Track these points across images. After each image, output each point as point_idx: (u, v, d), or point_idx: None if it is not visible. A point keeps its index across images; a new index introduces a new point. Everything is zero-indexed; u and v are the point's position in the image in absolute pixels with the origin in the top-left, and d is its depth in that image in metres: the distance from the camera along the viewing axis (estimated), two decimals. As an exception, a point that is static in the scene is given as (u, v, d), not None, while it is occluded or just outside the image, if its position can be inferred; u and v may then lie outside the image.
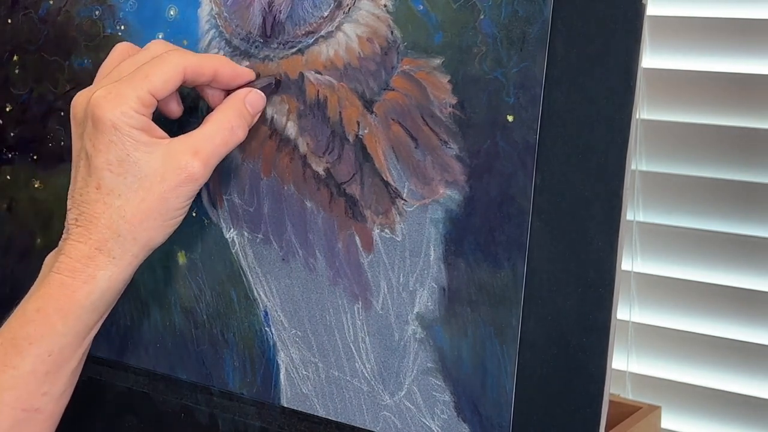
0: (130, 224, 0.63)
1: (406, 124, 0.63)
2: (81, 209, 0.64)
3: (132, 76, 0.64)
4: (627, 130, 0.56)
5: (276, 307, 0.69)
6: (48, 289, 0.63)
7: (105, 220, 0.63)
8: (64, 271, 0.63)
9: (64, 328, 0.63)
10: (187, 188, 0.64)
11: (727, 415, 0.92)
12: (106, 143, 0.63)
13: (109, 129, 0.63)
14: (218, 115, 0.66)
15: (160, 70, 0.64)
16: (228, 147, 0.65)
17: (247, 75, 0.68)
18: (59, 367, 0.64)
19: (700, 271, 0.92)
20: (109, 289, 0.64)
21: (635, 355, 0.97)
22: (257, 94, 0.67)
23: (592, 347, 0.57)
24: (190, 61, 0.65)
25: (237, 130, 0.65)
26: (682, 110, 0.91)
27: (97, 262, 0.63)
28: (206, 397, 0.73)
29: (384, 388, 0.64)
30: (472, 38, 0.61)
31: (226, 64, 0.67)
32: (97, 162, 0.63)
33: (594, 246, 0.57)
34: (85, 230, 0.64)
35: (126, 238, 0.63)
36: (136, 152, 0.63)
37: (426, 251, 0.62)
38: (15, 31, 0.83)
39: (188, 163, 0.63)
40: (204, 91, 0.68)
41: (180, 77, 0.65)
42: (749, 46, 0.88)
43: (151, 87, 0.64)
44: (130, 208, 0.63)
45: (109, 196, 0.63)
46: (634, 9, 0.56)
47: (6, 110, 0.84)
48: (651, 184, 0.93)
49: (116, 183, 0.63)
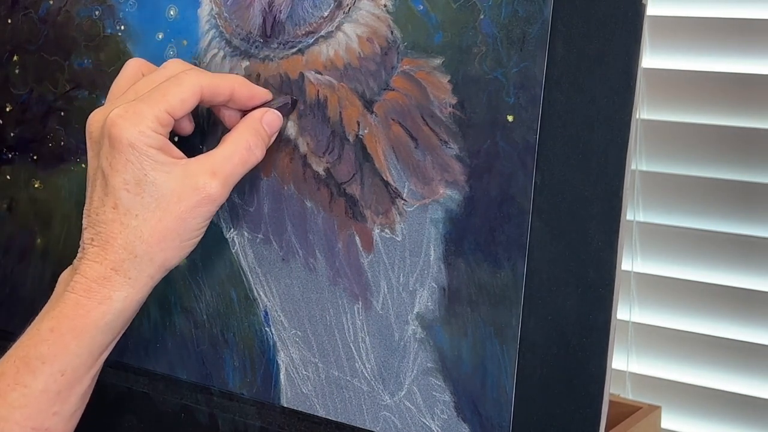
0: (147, 245, 0.63)
1: (406, 124, 0.63)
2: (97, 229, 0.63)
3: (149, 95, 0.64)
4: (627, 130, 0.56)
5: (276, 307, 0.69)
6: (63, 308, 0.63)
7: (122, 240, 0.63)
8: (79, 291, 0.63)
9: (78, 348, 0.63)
10: (205, 209, 0.63)
11: (727, 415, 0.92)
12: (123, 162, 0.62)
13: (126, 148, 0.62)
14: (235, 135, 0.65)
15: (177, 90, 0.64)
16: (246, 167, 0.65)
17: (264, 95, 0.67)
18: (71, 387, 0.63)
19: (700, 271, 0.92)
20: (124, 310, 0.63)
21: (635, 355, 0.97)
22: (274, 113, 0.66)
23: (592, 347, 0.57)
24: (207, 81, 0.65)
25: (255, 150, 0.65)
26: (682, 110, 0.91)
27: (113, 283, 0.63)
28: (206, 397, 0.73)
29: (384, 388, 0.64)
30: (472, 38, 0.61)
31: (243, 84, 0.66)
32: (114, 181, 0.63)
33: (594, 246, 0.57)
34: (102, 250, 0.63)
35: (143, 259, 0.63)
36: (154, 172, 0.62)
37: (426, 251, 0.62)
38: (15, 31, 0.83)
39: (206, 183, 0.63)
40: (220, 112, 0.68)
41: (197, 97, 0.64)
42: (749, 46, 0.88)
43: (168, 106, 0.63)
44: (147, 228, 0.63)
45: (126, 216, 0.63)
46: (634, 9, 0.56)
47: (6, 110, 0.84)
48: (651, 184, 0.93)
49: (133, 203, 0.62)
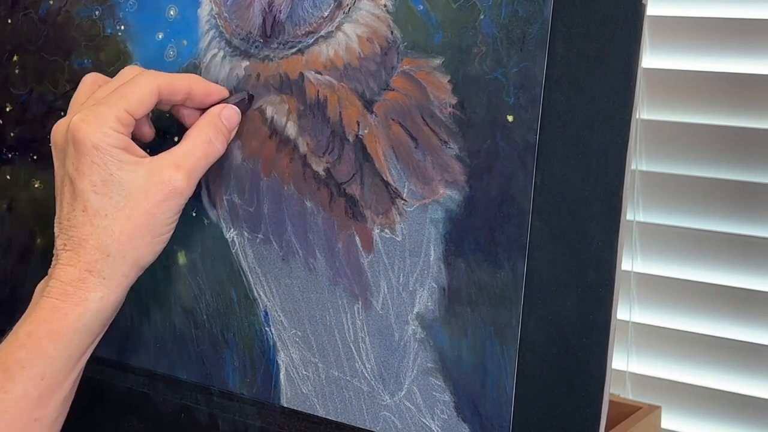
0: (119, 243, 0.64)
1: (406, 124, 0.63)
2: (69, 234, 0.64)
3: (108, 99, 0.65)
4: (627, 130, 0.56)
5: (276, 307, 0.69)
6: (39, 313, 0.63)
7: (93, 241, 0.64)
8: (55, 294, 0.63)
9: (56, 351, 0.63)
10: (173, 202, 0.65)
11: (727, 415, 0.92)
12: (88, 165, 0.64)
13: (90, 150, 0.64)
14: (196, 130, 0.67)
15: (135, 90, 0.66)
16: (208, 160, 0.67)
17: (220, 92, 0.69)
18: (52, 391, 0.64)
19: (700, 271, 0.92)
20: (100, 310, 0.64)
21: (635, 355, 0.97)
22: (232, 109, 0.68)
23: (592, 347, 0.57)
24: (163, 80, 0.67)
25: (215, 143, 0.67)
26: (682, 110, 0.91)
27: (87, 284, 0.64)
28: (206, 397, 0.73)
29: (384, 388, 0.64)
30: (472, 38, 0.61)
31: (199, 82, 0.68)
32: (81, 185, 0.64)
33: (594, 246, 0.57)
34: (75, 253, 0.64)
35: (115, 258, 0.64)
36: (119, 171, 0.64)
37: (426, 251, 0.62)
38: (15, 31, 0.83)
39: (171, 176, 0.64)
40: (179, 112, 0.69)
41: (155, 95, 0.66)
42: (749, 46, 0.87)
43: (127, 106, 0.65)
44: (117, 227, 0.64)
45: (96, 217, 0.64)
46: (634, 9, 0.56)
47: (6, 110, 0.84)
48: (651, 184, 0.93)
49: (102, 203, 0.64)
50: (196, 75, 0.70)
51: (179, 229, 0.68)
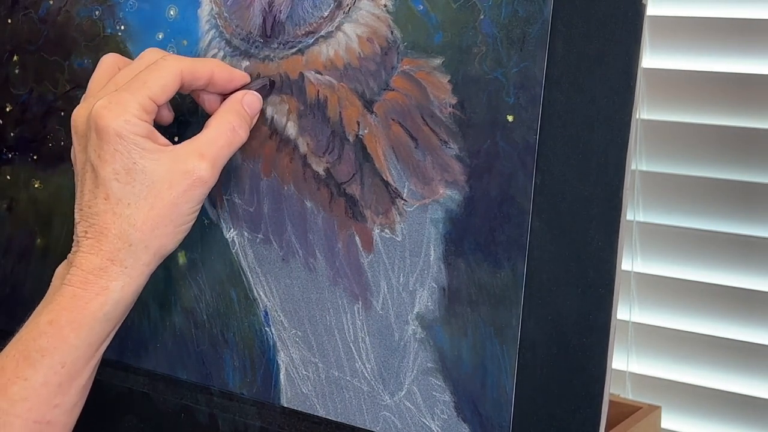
0: (141, 232, 0.63)
1: (406, 124, 0.63)
2: (90, 221, 0.64)
3: (130, 84, 0.64)
4: (627, 130, 0.56)
5: (276, 307, 0.69)
6: (61, 301, 0.63)
7: (115, 230, 0.63)
8: (76, 283, 0.63)
9: (77, 340, 0.63)
10: (197, 192, 0.64)
11: (727, 415, 0.92)
12: (111, 153, 0.63)
13: (113, 138, 0.63)
14: (218, 118, 0.66)
15: (157, 76, 0.64)
16: (232, 148, 0.66)
17: (242, 78, 0.68)
18: (72, 378, 0.63)
19: (700, 271, 0.92)
20: (121, 299, 0.64)
21: (635, 355, 0.97)
22: (254, 95, 0.67)
23: (592, 347, 0.57)
24: (186, 65, 0.65)
25: (239, 131, 0.66)
26: (682, 110, 0.91)
27: (109, 273, 0.63)
28: (206, 397, 0.73)
29: (384, 388, 0.64)
30: (472, 38, 0.61)
31: (221, 67, 0.67)
32: (103, 173, 0.63)
33: (594, 246, 0.57)
34: (96, 242, 0.63)
35: (138, 247, 0.63)
36: (143, 160, 0.63)
37: (426, 251, 0.62)
38: (15, 31, 0.83)
39: (196, 166, 0.63)
40: (200, 97, 0.68)
41: (177, 81, 0.65)
42: (749, 46, 0.88)
43: (150, 93, 0.64)
44: (140, 216, 0.63)
45: (119, 206, 0.63)
46: (634, 9, 0.56)
47: (6, 110, 0.84)
48: (651, 184, 0.93)
49: (125, 192, 0.63)
50: (218, 60, 0.69)
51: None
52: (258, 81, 0.68)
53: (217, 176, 0.65)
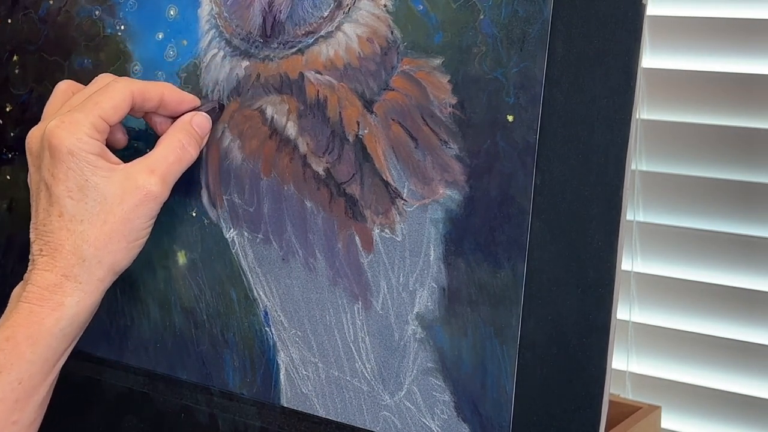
0: (95, 248, 0.64)
1: (406, 124, 0.63)
2: (45, 239, 0.65)
3: (83, 105, 0.66)
4: (627, 130, 0.56)
5: (276, 307, 0.69)
6: (17, 318, 0.64)
7: (69, 246, 0.64)
8: (32, 299, 0.64)
9: (33, 355, 0.63)
10: (148, 207, 0.66)
11: (727, 415, 0.92)
12: (64, 171, 0.64)
13: (66, 156, 0.64)
14: (168, 136, 0.68)
15: (109, 97, 0.66)
16: (182, 165, 0.68)
17: (191, 100, 0.70)
18: (29, 395, 0.64)
19: (700, 271, 0.92)
20: (77, 315, 0.65)
21: (635, 355, 0.97)
22: (203, 116, 0.70)
23: (592, 347, 0.57)
24: (136, 87, 0.68)
25: (188, 148, 0.68)
26: (682, 110, 0.91)
27: (64, 289, 0.64)
28: (206, 397, 0.73)
29: (384, 388, 0.64)
30: (472, 38, 0.61)
31: (171, 90, 0.70)
32: (57, 191, 0.65)
33: (594, 246, 0.57)
34: (51, 258, 0.65)
35: (91, 263, 0.65)
36: (94, 177, 0.65)
37: (426, 251, 0.62)
38: (15, 31, 0.83)
39: (146, 181, 0.65)
40: (152, 120, 0.70)
41: (128, 102, 0.67)
42: (749, 46, 0.88)
43: (102, 113, 0.66)
44: (93, 231, 0.64)
45: (72, 223, 0.64)
46: (634, 9, 0.56)
47: (6, 110, 0.84)
48: (651, 184, 0.93)
49: (78, 209, 0.64)
50: (169, 83, 0.71)
51: (179, 229, 0.68)
52: (207, 104, 0.71)
53: (168, 192, 0.67)
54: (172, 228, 0.73)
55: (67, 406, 0.70)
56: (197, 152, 0.69)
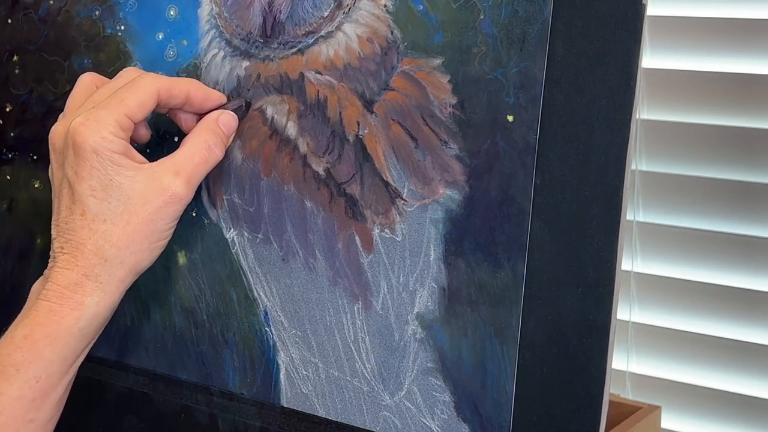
0: (117, 248, 0.64)
1: (406, 124, 0.63)
2: (67, 237, 0.64)
3: (108, 102, 0.65)
4: (627, 130, 0.56)
5: (276, 307, 0.69)
6: (36, 315, 0.63)
7: (91, 245, 0.64)
8: (51, 298, 0.63)
9: (52, 354, 0.63)
10: (172, 209, 0.65)
11: (727, 415, 0.92)
12: (88, 169, 0.64)
13: (90, 155, 0.64)
14: (194, 136, 0.67)
15: (134, 94, 0.65)
16: (208, 166, 0.67)
17: (218, 98, 0.69)
18: (46, 394, 0.64)
19: (700, 271, 0.92)
20: (97, 314, 0.64)
21: (635, 355, 0.97)
22: (229, 115, 0.68)
23: (592, 347, 0.57)
24: (163, 84, 0.67)
25: (214, 149, 0.67)
26: (682, 110, 0.91)
27: (84, 289, 0.64)
28: (206, 397, 0.73)
29: (384, 388, 0.64)
30: (472, 38, 0.61)
31: (198, 87, 0.68)
32: (80, 189, 0.64)
33: (594, 246, 0.57)
34: (72, 257, 0.64)
35: (113, 263, 0.64)
36: (119, 176, 0.64)
37: (426, 251, 0.62)
38: (15, 31, 0.83)
39: (171, 183, 0.64)
40: (177, 116, 0.70)
41: (154, 99, 0.66)
42: (749, 46, 0.88)
43: (127, 110, 0.65)
44: (116, 232, 0.64)
45: (94, 222, 0.64)
46: (634, 9, 0.56)
47: (6, 110, 0.84)
48: (651, 184, 0.93)
49: (101, 208, 0.64)
50: (195, 80, 0.70)
51: (179, 229, 0.68)
52: (234, 102, 0.69)
53: (193, 193, 0.66)
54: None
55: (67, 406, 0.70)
56: (223, 152, 0.68)
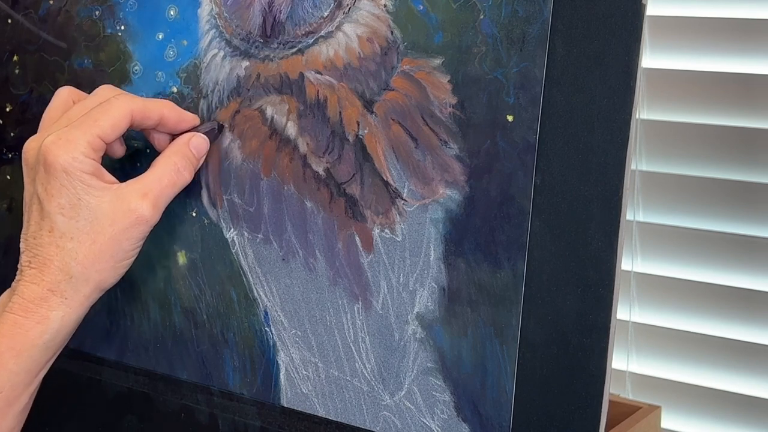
0: (82, 266, 0.65)
1: (406, 124, 0.63)
2: (34, 252, 0.66)
3: (81, 122, 0.66)
4: (627, 130, 0.56)
5: (276, 307, 0.69)
6: (1, 328, 0.64)
7: (58, 262, 0.65)
8: (17, 311, 0.64)
9: (16, 366, 0.64)
10: (138, 230, 0.66)
11: (727, 415, 0.92)
12: (57, 188, 0.65)
13: (60, 174, 0.65)
14: (164, 159, 0.68)
15: (108, 115, 0.66)
16: (175, 188, 0.68)
17: (191, 120, 0.70)
18: (9, 405, 0.65)
19: (700, 271, 0.92)
20: (61, 328, 0.65)
21: (635, 355, 0.97)
22: (201, 137, 0.69)
23: (592, 347, 0.57)
24: (136, 105, 0.67)
25: (183, 172, 0.68)
26: (682, 110, 0.91)
27: (50, 303, 0.65)
28: (206, 397, 0.73)
29: (384, 388, 0.64)
30: (472, 38, 0.61)
31: (171, 109, 0.69)
32: (49, 206, 0.65)
33: (594, 246, 0.57)
34: (39, 272, 0.65)
35: (78, 280, 0.65)
36: (87, 196, 0.65)
37: (426, 251, 0.62)
38: (15, 31, 0.83)
39: (138, 205, 0.65)
40: (151, 135, 0.71)
41: (127, 121, 0.67)
42: (749, 46, 0.88)
43: (100, 132, 0.66)
44: (82, 250, 0.65)
45: (62, 239, 0.65)
46: (634, 9, 0.56)
47: (6, 110, 0.84)
48: (651, 184, 0.93)
49: (68, 226, 0.65)
50: (169, 101, 0.71)
51: (179, 229, 0.68)
52: (207, 124, 0.70)
53: (159, 216, 0.67)
54: (172, 228, 0.73)
55: (67, 406, 0.70)
56: (192, 175, 0.69)
